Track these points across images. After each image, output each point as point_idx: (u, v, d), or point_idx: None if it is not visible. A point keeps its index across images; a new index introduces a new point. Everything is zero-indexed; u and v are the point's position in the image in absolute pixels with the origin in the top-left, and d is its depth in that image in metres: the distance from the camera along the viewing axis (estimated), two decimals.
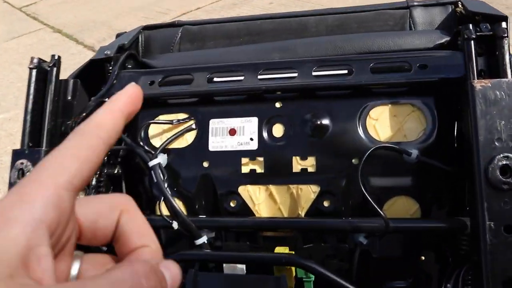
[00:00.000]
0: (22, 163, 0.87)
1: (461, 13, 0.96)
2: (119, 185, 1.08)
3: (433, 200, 0.89)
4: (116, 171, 1.04)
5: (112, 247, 0.49)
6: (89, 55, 5.62)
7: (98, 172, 1.02)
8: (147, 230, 0.47)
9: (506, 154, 0.68)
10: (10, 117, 4.28)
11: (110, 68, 1.08)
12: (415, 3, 1.09)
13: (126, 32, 1.28)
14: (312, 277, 0.87)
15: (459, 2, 0.99)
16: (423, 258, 0.90)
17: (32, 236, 0.36)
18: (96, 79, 1.11)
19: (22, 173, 0.88)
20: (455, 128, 0.90)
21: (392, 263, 0.92)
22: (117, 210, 0.46)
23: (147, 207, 1.05)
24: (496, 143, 0.69)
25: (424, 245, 0.92)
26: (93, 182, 1.01)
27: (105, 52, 1.09)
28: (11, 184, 0.89)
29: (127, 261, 0.44)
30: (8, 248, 0.35)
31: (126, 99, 0.48)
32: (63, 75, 1.14)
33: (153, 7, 6.69)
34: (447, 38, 0.96)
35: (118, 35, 1.30)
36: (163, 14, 6.51)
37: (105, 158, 1.06)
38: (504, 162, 0.68)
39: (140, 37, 1.23)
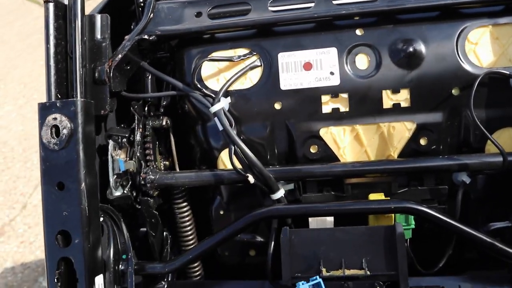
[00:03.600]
0: (55, 119, 0.74)
1: None
2: (167, 138, 0.95)
3: None
4: (163, 123, 0.91)
5: None
6: None
7: (141, 126, 0.88)
8: None
9: None
10: None
11: (141, 0, 0.92)
12: None
13: None
14: (413, 225, 0.79)
15: None
16: None
17: None
18: (124, 14, 0.95)
19: (56, 130, 0.73)
20: None
21: (493, 204, 0.86)
22: None
23: (203, 161, 0.94)
24: None
25: None
26: (138, 138, 0.87)
27: None
28: (43, 144, 0.73)
29: None
30: None
31: None
32: (29, 42, 0.91)
33: None
34: None
35: None
36: None
37: (146, 109, 0.92)
38: None
39: None
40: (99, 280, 0.74)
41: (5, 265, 2.38)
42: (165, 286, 0.89)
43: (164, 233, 0.95)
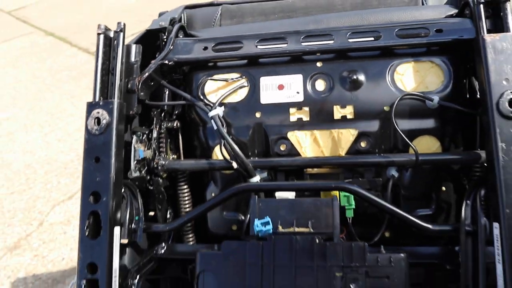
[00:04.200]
0: (98, 112, 1.00)
1: None
2: (177, 137, 1.23)
3: (451, 138, 1.08)
4: (174, 125, 1.19)
5: None
6: (85, 57, 5.60)
7: (158, 126, 1.16)
8: None
9: None
10: (7, 116, 4.27)
11: (164, 37, 1.22)
12: None
13: (167, 11, 1.38)
14: (353, 205, 1.02)
15: None
16: (444, 188, 1.09)
17: None
18: (151, 46, 1.23)
19: (98, 120, 1.00)
20: (467, 81, 1.09)
21: (418, 194, 1.09)
22: None
23: (202, 155, 1.20)
24: (504, 82, 0.89)
25: (444, 177, 1.09)
26: (154, 135, 1.14)
27: (160, 23, 1.24)
28: (87, 130, 1.00)
29: None
30: None
31: None
32: (58, 78, 1.18)
33: (146, 10, 6.74)
34: (455, 11, 1.15)
35: (160, 14, 1.40)
36: (156, 17, 6.55)
37: (162, 115, 1.19)
38: (511, 96, 0.87)
39: (182, 15, 1.35)
40: (117, 230, 0.97)
41: (18, 275, 2.55)
42: (165, 247, 1.13)
43: (168, 210, 1.18)
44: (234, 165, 1.07)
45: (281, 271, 0.92)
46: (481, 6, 0.97)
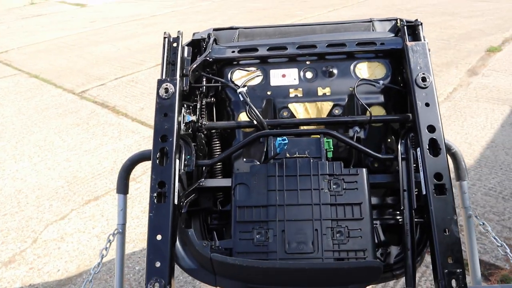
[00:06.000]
0: (166, 85, 1.46)
1: (401, 20, 1.70)
2: (211, 109, 1.74)
3: (392, 108, 1.64)
4: (211, 100, 1.71)
5: None
6: (70, 97, 5.87)
7: (200, 101, 1.66)
8: None
9: (423, 72, 1.44)
10: None
11: (204, 44, 1.79)
12: (375, 19, 1.94)
13: (199, 32, 1.87)
14: (332, 148, 1.49)
15: (399, 19, 1.76)
16: (389, 140, 1.63)
17: None
18: (198, 48, 1.80)
19: (166, 90, 1.45)
20: (399, 75, 1.67)
21: (373, 144, 1.59)
22: None
23: (229, 120, 1.71)
24: (418, 67, 1.46)
25: (390, 131, 1.63)
26: (198, 106, 1.65)
27: (201, 36, 1.82)
28: (159, 96, 1.45)
29: None
30: None
31: None
32: (45, 114, 1.47)
33: (127, 58, 7.16)
34: (393, 34, 1.78)
35: (194, 34, 1.92)
36: (138, 64, 6.99)
37: (202, 94, 1.69)
38: (422, 75, 1.44)
39: (211, 34, 1.87)
40: (177, 162, 1.38)
41: (14, 286, 2.69)
42: (204, 180, 1.52)
43: (206, 157, 1.63)
44: (254, 122, 1.57)
45: (289, 179, 1.38)
46: (405, 27, 1.62)
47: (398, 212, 1.51)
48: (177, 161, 1.38)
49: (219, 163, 1.59)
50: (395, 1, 9.73)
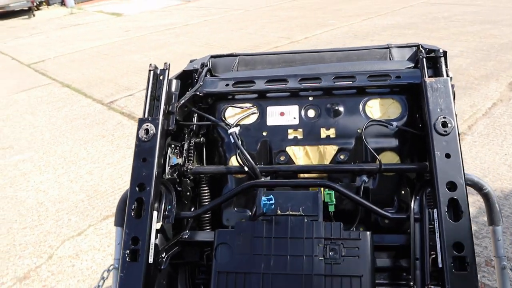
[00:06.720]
0: (147, 125, 1.30)
1: (420, 51, 1.45)
2: (201, 150, 1.55)
3: (407, 153, 1.40)
4: (200, 140, 1.52)
5: None
6: (98, 107, 5.94)
7: (188, 141, 1.48)
8: None
9: (444, 116, 1.19)
10: (23, 158, 4.51)
11: (196, 75, 1.59)
12: (393, 45, 1.69)
13: (197, 59, 1.72)
14: (334, 201, 1.27)
15: (420, 45, 1.51)
16: (403, 192, 1.38)
17: None
18: (186, 82, 1.59)
19: (147, 131, 1.29)
20: (419, 114, 1.41)
21: (383, 197, 1.38)
22: None
23: (220, 163, 1.52)
24: (438, 109, 1.21)
25: (405, 182, 1.39)
26: (185, 147, 1.46)
27: (193, 66, 1.61)
28: (138, 137, 1.29)
29: None
30: None
31: None
32: (73, 125, 1.41)
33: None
34: (412, 64, 1.52)
35: (191, 61, 1.76)
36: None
37: (192, 132, 1.50)
38: (443, 120, 1.18)
39: (209, 61, 1.70)
40: (155, 214, 1.22)
41: None
42: (188, 233, 1.37)
43: (192, 207, 1.45)
44: (246, 169, 1.37)
45: (279, 242, 1.18)
46: (424, 59, 1.35)
47: (410, 277, 1.26)
48: (155, 213, 1.22)
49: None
50: (432, 9, 9.36)
